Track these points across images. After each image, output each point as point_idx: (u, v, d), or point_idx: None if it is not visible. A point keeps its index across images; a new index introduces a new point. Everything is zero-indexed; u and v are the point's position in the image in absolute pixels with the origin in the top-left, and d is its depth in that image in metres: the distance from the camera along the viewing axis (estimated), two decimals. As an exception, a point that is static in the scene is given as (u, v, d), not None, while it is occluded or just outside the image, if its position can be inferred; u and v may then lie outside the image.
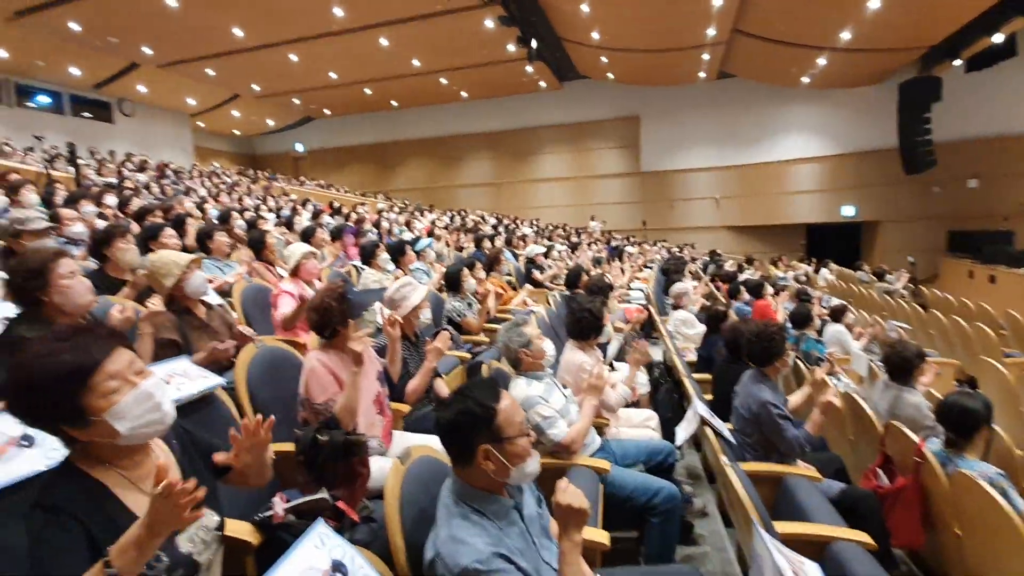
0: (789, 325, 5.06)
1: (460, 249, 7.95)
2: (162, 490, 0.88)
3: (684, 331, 4.77)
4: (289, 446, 1.81)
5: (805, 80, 15.11)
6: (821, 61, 13.33)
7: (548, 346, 2.33)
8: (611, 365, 3.72)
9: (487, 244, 7.54)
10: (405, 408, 2.37)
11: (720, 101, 17.31)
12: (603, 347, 3.67)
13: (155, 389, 1.03)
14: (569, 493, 1.18)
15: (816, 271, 12.79)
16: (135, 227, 4.32)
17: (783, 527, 1.85)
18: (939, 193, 15.13)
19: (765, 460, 2.45)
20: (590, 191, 19.42)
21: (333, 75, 16.55)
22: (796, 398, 2.68)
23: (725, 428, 2.16)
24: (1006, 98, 14.06)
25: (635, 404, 3.38)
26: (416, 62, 15.49)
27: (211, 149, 22.06)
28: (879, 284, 9.58)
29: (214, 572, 1.17)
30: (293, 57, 14.67)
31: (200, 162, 18.38)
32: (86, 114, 16.52)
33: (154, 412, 1.03)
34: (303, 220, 7.57)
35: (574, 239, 12.43)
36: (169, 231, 3.46)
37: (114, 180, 10.00)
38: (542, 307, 4.61)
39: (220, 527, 1.19)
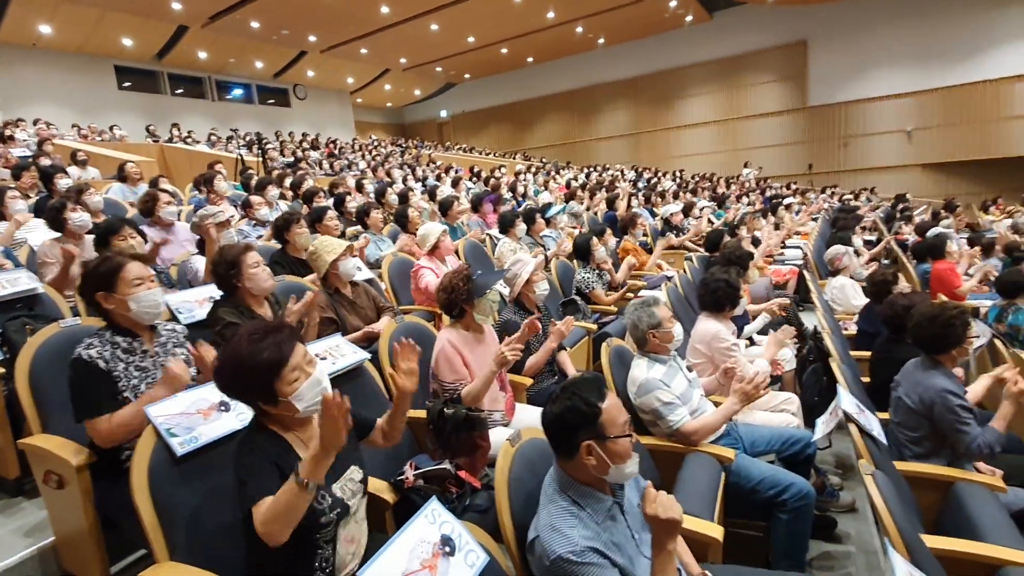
0: (994, 293, 4.19)
1: (589, 210, 7.81)
2: (326, 403, 1.14)
3: (844, 300, 4.21)
4: (422, 414, 2.04)
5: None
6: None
7: (677, 330, 2.24)
8: (751, 340, 3.46)
9: (620, 204, 7.30)
10: (528, 381, 2.49)
11: (912, 12, 14.21)
12: (740, 322, 3.41)
13: (322, 376, 1.31)
14: (659, 504, 1.17)
15: (1047, 216, 10.20)
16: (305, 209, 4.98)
17: (939, 542, 1.62)
18: None
19: (930, 460, 2.13)
20: (743, 134, 17.55)
21: (471, 39, 16.91)
22: (977, 389, 2.26)
23: (876, 425, 1.91)
24: None
25: (777, 381, 3.14)
26: (551, 14, 15.13)
27: (368, 122, 24.20)
28: None
29: (359, 516, 1.41)
30: (434, 26, 15.26)
31: (360, 135, 20.31)
32: (270, 101, 19.12)
33: (321, 394, 1.29)
34: (446, 188, 8.04)
35: (721, 190, 11.43)
36: (331, 213, 3.93)
37: (292, 159, 11.56)
38: (677, 272, 4.40)
39: (364, 480, 1.43)
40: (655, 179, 13.73)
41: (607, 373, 2.24)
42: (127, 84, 15.46)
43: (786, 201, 8.86)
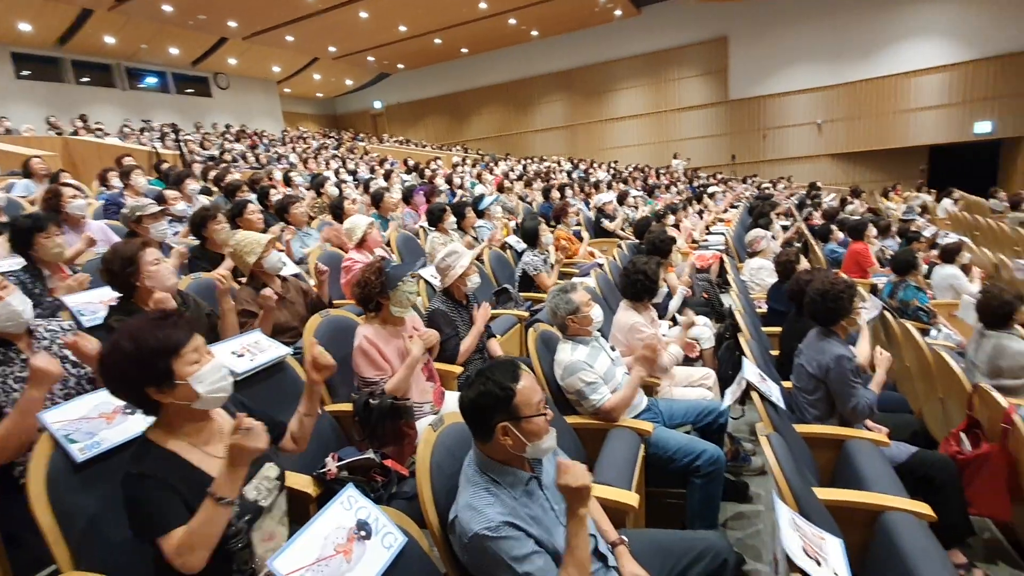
0: (888, 271, 4.62)
1: (524, 200, 7.91)
2: (235, 427, 1.14)
3: (759, 281, 4.50)
4: (348, 406, 2.02)
5: (932, -27, 12.82)
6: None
7: (596, 313, 2.33)
8: (673, 320, 3.64)
9: (555, 194, 7.43)
10: (457, 370, 2.51)
11: (823, 11, 15.22)
12: (665, 301, 3.59)
13: (222, 366, 1.28)
14: (570, 474, 1.24)
15: (937, 201, 11.30)
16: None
17: (829, 494, 1.80)
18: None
19: (827, 421, 2.34)
20: (672, 126, 18.23)
21: (403, 28, 16.56)
22: (863, 349, 2.51)
23: (776, 392, 2.08)
24: None
25: (699, 359, 3.33)
26: (483, 4, 15.06)
27: (298, 113, 23.23)
28: (1014, 214, 8.30)
29: (275, 514, 1.38)
30: (363, 14, 14.82)
31: (290, 127, 19.48)
32: (188, 91, 17.95)
33: (224, 381, 1.27)
34: (380, 182, 7.89)
35: (652, 181, 11.86)
36: (252, 206, 3.77)
37: (215, 152, 10.95)
38: (607, 259, 4.55)
39: (280, 476, 1.41)
40: (590, 170, 14.04)
41: (534, 358, 2.30)
42: (26, 73, 14.04)
43: (710, 190, 9.32)
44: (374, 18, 15.16)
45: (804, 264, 3.60)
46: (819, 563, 1.16)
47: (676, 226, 6.70)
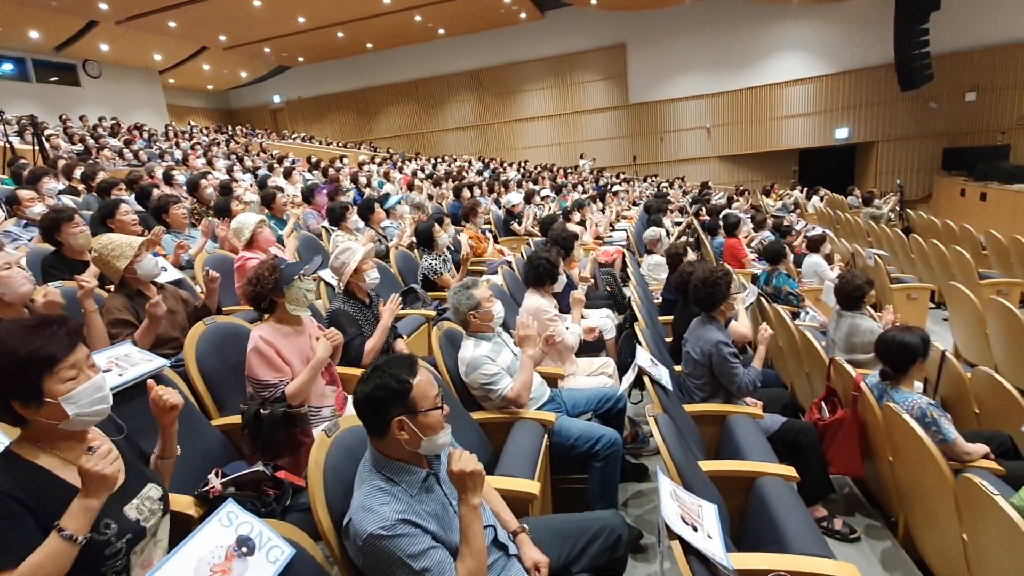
0: (762, 260, 5.09)
1: (433, 199, 7.86)
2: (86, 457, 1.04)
3: (656, 275, 4.80)
4: (237, 419, 1.89)
5: (798, -6, 14.34)
6: (814, -27, 12.59)
7: (498, 308, 2.37)
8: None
9: (466, 194, 7.44)
10: (359, 373, 2.44)
11: (709, 22, 16.50)
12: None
13: (104, 383, 1.18)
14: (462, 460, 1.26)
15: (808, 198, 12.66)
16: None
17: (712, 466, 1.96)
18: (936, 108, 14.69)
19: (712, 400, 2.55)
20: (578, 128, 18.90)
21: (301, 19, 15.76)
22: (739, 329, 2.76)
23: (666, 375, 2.23)
24: (1007, 3, 13.36)
25: (602, 349, 3.49)
26: (387, 0, 14.71)
27: (185, 107, 21.38)
28: (866, 210, 9.50)
29: (160, 537, 1.28)
30: (256, 2, 13.92)
31: (176, 121, 17.87)
32: (53, 79, 15.91)
33: (101, 403, 1.16)
34: (280, 180, 7.46)
35: (560, 180, 12.23)
36: (125, 207, 3.42)
37: (84, 148, 9.79)
38: (514, 256, 4.63)
39: (164, 497, 1.31)
40: (500, 169, 14.20)
41: (437, 355, 2.30)
42: None
43: (614, 189, 9.78)
44: (268, 7, 14.28)
45: (692, 257, 3.88)
46: (695, 528, 1.26)
47: (582, 223, 6.96)
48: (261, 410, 1.76)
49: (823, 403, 2.60)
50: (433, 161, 15.22)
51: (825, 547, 1.59)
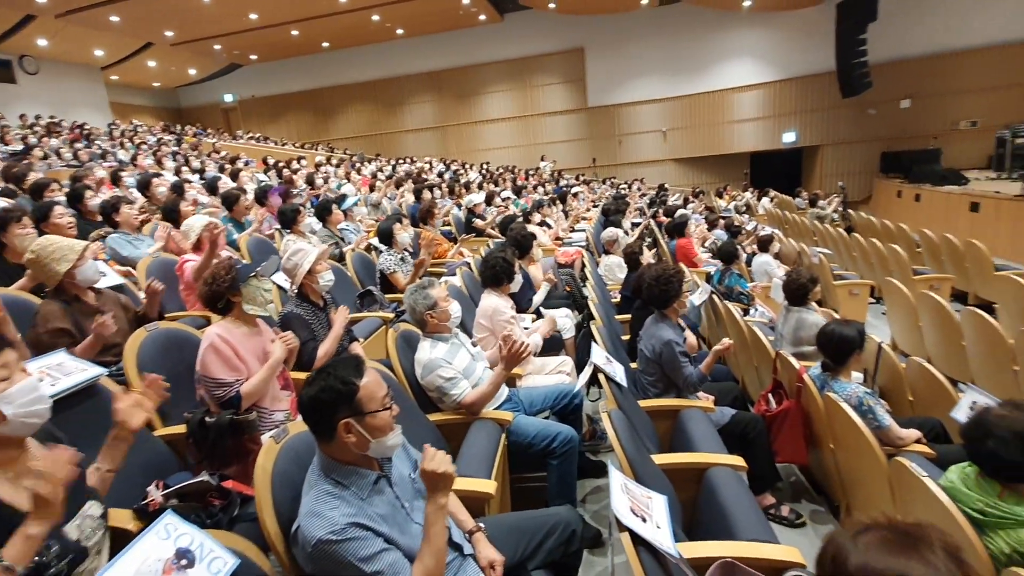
0: (716, 260, 5.26)
1: (393, 200, 7.77)
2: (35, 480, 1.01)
3: (614, 275, 4.89)
4: (182, 428, 1.82)
5: (747, 3, 14.88)
6: (761, -17, 13.10)
7: (455, 308, 2.36)
8: (537, 313, 3.81)
9: (427, 195, 7.39)
10: (313, 377, 2.39)
11: (664, 29, 16.92)
12: (529, 297, 3.74)
13: (39, 385, 1.15)
14: (436, 460, 1.26)
15: (758, 199, 13.14)
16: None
17: (665, 459, 2.01)
18: (874, 114, 15.50)
19: (665, 396, 2.62)
20: (538, 130, 19.04)
21: (253, 16, 15.28)
22: (692, 340, 2.84)
23: (621, 372, 2.28)
24: (940, 15, 14.25)
25: (561, 348, 3.52)
26: (343, -1, 14.46)
27: (131, 105, 20.38)
28: (812, 210, 9.95)
29: (103, 556, 1.23)
30: (205, -2, 13.43)
31: (121, 120, 17.02)
32: (-19, 74, 14.91)
33: (37, 404, 1.14)
34: (229, 182, 7.21)
35: (521, 182, 12.29)
36: (60, 209, 3.23)
37: (20, 148, 9.23)
38: (474, 257, 4.63)
39: (104, 515, 1.26)
40: (461, 171, 14.16)
41: (393, 357, 2.27)
42: None
43: (574, 190, 9.90)
44: (218, 3, 13.79)
45: (648, 255, 3.97)
46: (645, 520, 1.29)
47: (543, 224, 7.02)
48: (206, 418, 1.70)
49: (770, 395, 2.70)
50: (393, 162, 15.04)
51: (771, 533, 1.65)
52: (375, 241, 4.44)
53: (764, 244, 5.75)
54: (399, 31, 18.09)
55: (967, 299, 5.74)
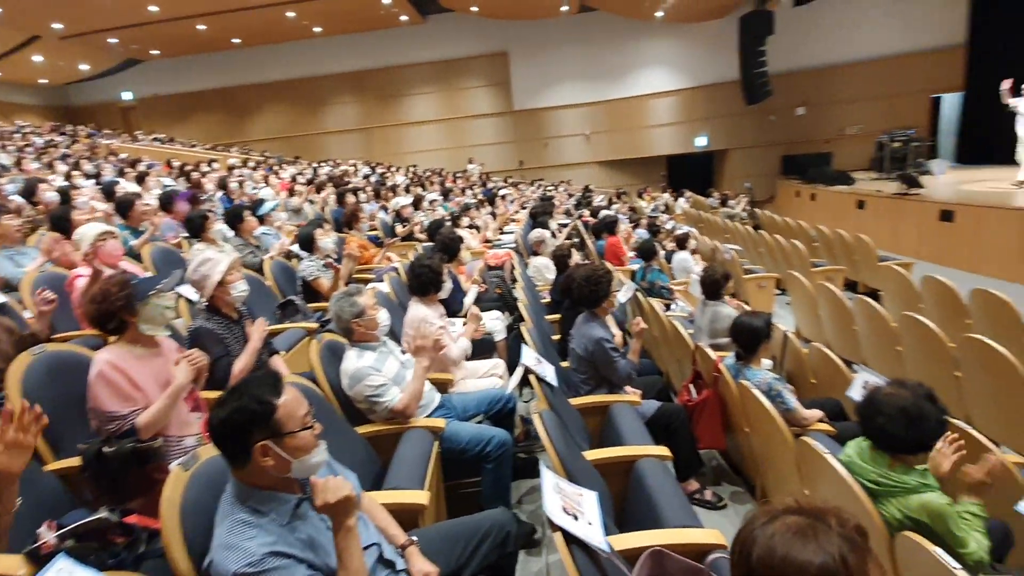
0: (638, 257, 5.48)
1: (315, 204, 7.48)
2: None
3: (543, 275, 4.97)
4: (76, 461, 1.65)
5: (659, 14, 15.65)
6: (671, -5, 13.85)
7: (383, 316, 2.30)
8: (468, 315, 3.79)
9: (350, 199, 7.15)
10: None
11: (584, 36, 17.45)
12: (458, 298, 3.71)
13: None
14: (327, 490, 1.18)
15: (675, 200, 13.87)
16: None
17: (595, 454, 2.06)
18: (774, 121, 16.83)
19: (596, 392, 2.69)
20: (465, 132, 19.02)
21: (153, 8, 14.14)
22: (619, 336, 2.94)
23: (551, 372, 2.32)
24: (827, 30, 15.70)
25: (492, 351, 3.53)
26: (254, -7, 13.72)
27: (13, 103, 18.27)
28: (723, 209, 10.63)
29: None
30: (95, -13, 12.27)
31: (3, 120, 15.19)
32: None
33: None
34: (132, 186, 6.63)
35: (448, 185, 12.23)
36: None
37: None
38: (402, 263, 4.53)
39: None
40: (387, 174, 13.86)
41: (317, 369, 2.18)
42: None
43: (502, 192, 9.97)
44: (111, -7, 12.67)
45: (577, 257, 4.07)
46: (576, 517, 1.32)
47: (472, 227, 7.01)
48: (104, 448, 1.55)
49: (691, 386, 2.85)
50: (315, 165, 14.46)
51: (695, 518, 1.74)
52: (295, 248, 4.25)
53: (682, 242, 6.07)
54: (316, 29, 17.44)
55: (857, 288, 6.35)
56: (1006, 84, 7.68)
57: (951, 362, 3.02)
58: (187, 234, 4.23)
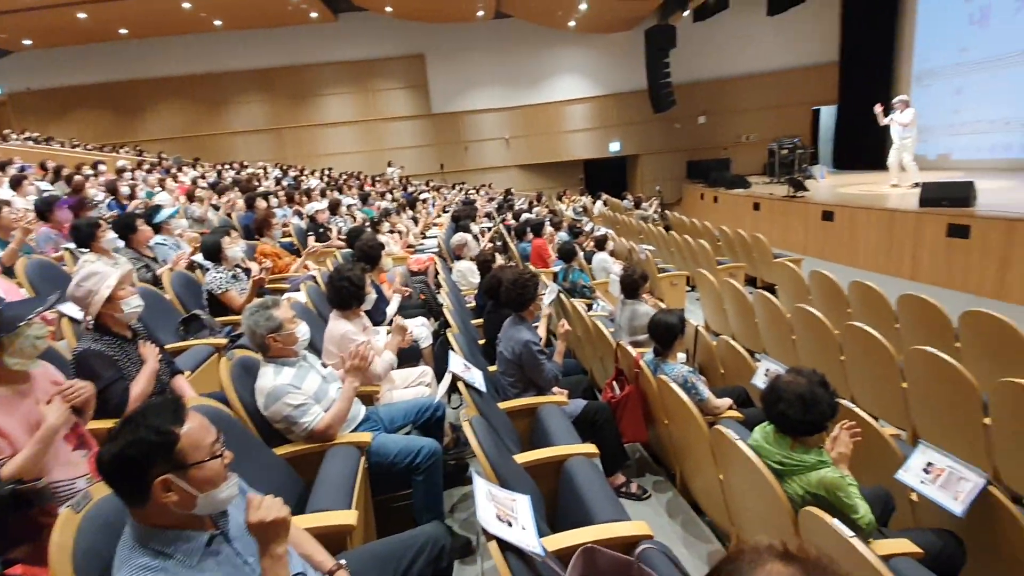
0: (560, 259, 5.62)
1: (220, 210, 7.01)
2: None
3: (468, 280, 4.96)
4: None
5: (571, 24, 16.18)
6: (582, 6, 14.34)
7: (302, 330, 2.17)
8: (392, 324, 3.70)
9: (260, 204, 6.75)
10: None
11: (501, 42, 17.67)
12: (383, 309, 3.62)
13: None
14: (262, 508, 1.12)
15: (593, 203, 14.37)
16: None
17: (525, 457, 2.09)
18: (679, 128, 17.96)
19: (525, 395, 2.72)
20: (383, 135, 18.58)
21: (20, -9, 12.59)
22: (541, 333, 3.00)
23: (479, 378, 2.32)
24: (723, 45, 16.97)
25: (419, 358, 3.46)
26: (142, -20, 12.59)
27: None
28: (637, 211, 11.17)
29: None
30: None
31: None
32: None
33: None
34: (11, 191, 5.84)
35: (367, 188, 11.89)
36: None
37: None
38: (320, 271, 4.34)
39: None
40: (301, 177, 13.24)
41: (229, 389, 2.03)
42: None
43: (423, 196, 9.84)
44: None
45: (500, 261, 4.10)
46: (510, 524, 1.33)
47: (393, 232, 6.85)
48: (-27, 495, 1.35)
49: (614, 382, 2.96)
50: (218, 168, 13.50)
51: (623, 511, 1.80)
52: (199, 258, 3.94)
53: (600, 243, 6.31)
54: (217, 22, 16.29)
55: (756, 283, 6.91)
56: (878, 108, 8.74)
57: (836, 348, 3.36)
58: (70, 245, 3.79)
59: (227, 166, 14.13)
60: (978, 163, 11.03)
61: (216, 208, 7.08)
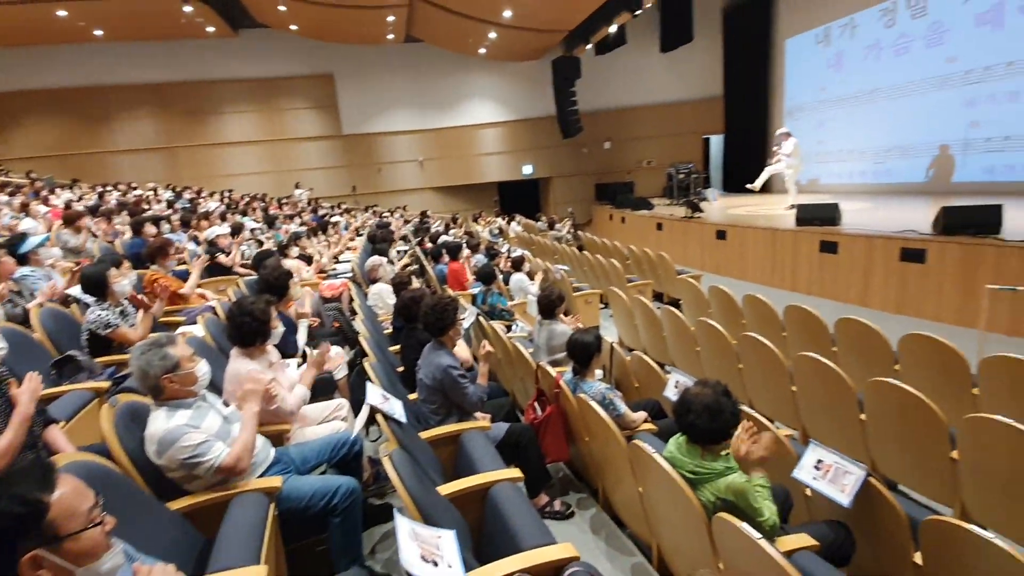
0: (478, 281, 5.63)
1: (99, 237, 6.35)
2: None
3: (385, 302, 4.83)
4: None
5: (482, 51, 16.59)
6: (492, 35, 14.77)
7: (201, 368, 1.99)
8: (304, 356, 3.50)
9: (149, 229, 6.17)
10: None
11: (412, 65, 17.70)
12: (289, 339, 3.41)
13: None
14: None
15: (508, 224, 14.62)
16: None
17: (450, 488, 2.04)
18: (587, 153, 18.91)
19: (447, 422, 2.67)
20: (289, 156, 17.79)
21: None
22: (463, 355, 2.99)
23: (399, 408, 2.24)
24: (623, 77, 18.17)
25: (334, 390, 3.29)
26: (5, -18, 11.28)
27: None
28: (551, 232, 11.52)
29: None
30: None
31: None
32: None
33: None
34: None
35: (273, 211, 11.29)
36: None
37: None
38: (219, 301, 4.03)
39: None
40: (197, 200, 12.30)
41: (112, 439, 1.81)
42: None
43: (334, 219, 9.50)
44: None
45: (416, 284, 4.03)
46: (436, 563, 1.28)
47: (303, 257, 6.53)
48: None
49: (536, 403, 2.99)
50: (99, 189, 12.22)
51: (548, 534, 1.80)
52: (77, 291, 3.52)
53: (517, 264, 6.41)
54: (97, 32, 14.92)
55: (663, 299, 7.33)
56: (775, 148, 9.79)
57: (735, 357, 3.63)
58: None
59: (110, 187, 12.84)
60: (842, 187, 12.63)
61: (95, 235, 6.39)
